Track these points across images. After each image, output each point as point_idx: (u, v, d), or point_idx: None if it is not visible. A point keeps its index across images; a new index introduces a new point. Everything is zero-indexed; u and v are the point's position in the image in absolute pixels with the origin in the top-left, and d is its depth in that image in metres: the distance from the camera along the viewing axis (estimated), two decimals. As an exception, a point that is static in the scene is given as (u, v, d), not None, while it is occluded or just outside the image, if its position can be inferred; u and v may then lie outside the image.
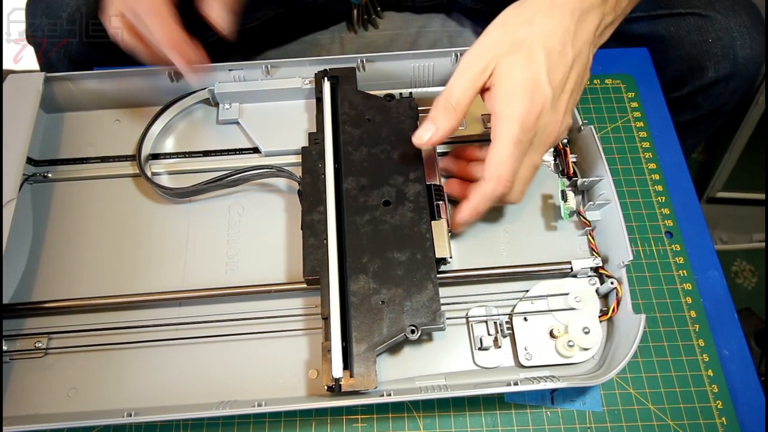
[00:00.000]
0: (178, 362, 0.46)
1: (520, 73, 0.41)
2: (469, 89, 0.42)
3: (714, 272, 0.52)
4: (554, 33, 0.42)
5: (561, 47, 0.42)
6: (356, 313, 0.42)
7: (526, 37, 0.42)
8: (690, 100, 0.68)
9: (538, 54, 0.41)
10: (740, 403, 0.46)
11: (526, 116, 0.41)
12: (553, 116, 0.42)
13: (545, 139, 0.43)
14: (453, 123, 0.43)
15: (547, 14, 0.42)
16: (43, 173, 0.53)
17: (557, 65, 0.42)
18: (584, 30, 0.43)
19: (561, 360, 0.45)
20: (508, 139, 0.41)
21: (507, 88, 0.41)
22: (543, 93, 0.41)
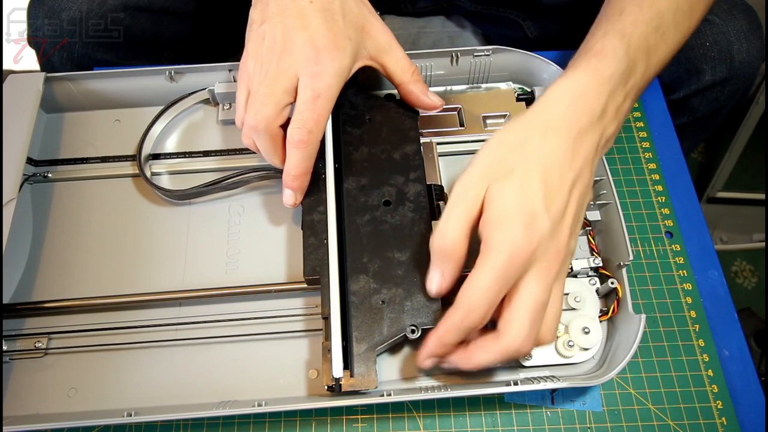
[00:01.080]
0: (178, 362, 0.46)
1: (513, 200, 0.37)
2: (463, 226, 0.38)
3: (714, 272, 0.52)
4: (549, 157, 0.39)
5: (559, 171, 0.39)
6: (356, 312, 0.42)
7: (519, 163, 0.38)
8: (686, 103, 0.68)
9: (533, 180, 0.38)
10: (740, 403, 0.46)
11: (518, 249, 0.36)
12: (552, 244, 0.38)
13: (545, 269, 0.38)
14: (455, 266, 0.40)
15: (542, 138, 0.39)
16: (43, 173, 0.53)
17: (556, 192, 0.38)
18: (583, 149, 0.40)
19: (561, 360, 0.45)
20: (491, 270, 0.36)
21: (498, 216, 0.37)
22: (540, 224, 0.37)
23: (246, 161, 0.53)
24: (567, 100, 0.40)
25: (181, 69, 0.55)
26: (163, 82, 0.55)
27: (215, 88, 0.54)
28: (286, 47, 0.43)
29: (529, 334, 0.38)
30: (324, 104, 0.43)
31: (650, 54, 0.44)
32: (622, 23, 0.43)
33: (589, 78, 0.41)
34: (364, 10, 0.46)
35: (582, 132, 0.40)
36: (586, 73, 0.41)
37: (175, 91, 0.55)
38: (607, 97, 0.41)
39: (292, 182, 0.45)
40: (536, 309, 0.38)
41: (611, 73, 0.41)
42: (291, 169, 0.44)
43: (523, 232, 0.36)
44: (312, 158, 0.45)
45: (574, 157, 0.39)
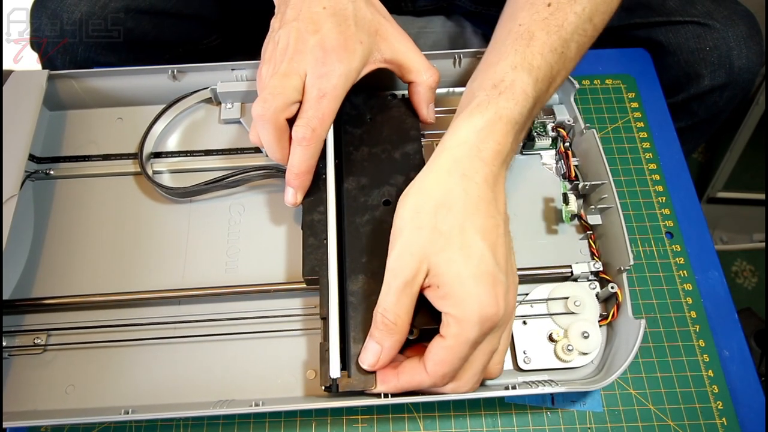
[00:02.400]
0: (176, 360, 0.46)
1: (467, 269, 0.37)
2: (404, 299, 0.38)
3: (714, 272, 0.52)
4: (478, 211, 0.38)
5: (491, 223, 0.38)
6: (354, 313, 0.42)
7: (453, 226, 0.38)
8: (685, 106, 0.69)
9: (474, 241, 0.37)
10: (740, 404, 0.46)
11: (491, 316, 0.36)
12: (510, 296, 0.38)
13: (507, 320, 0.39)
14: (397, 338, 0.39)
15: (463, 192, 0.38)
16: (45, 170, 0.53)
17: (495, 242, 0.38)
18: (500, 190, 0.40)
19: (560, 364, 0.45)
20: (465, 342, 0.36)
21: (460, 289, 0.36)
22: (500, 282, 0.37)
23: (247, 161, 0.54)
24: (478, 144, 0.40)
25: (184, 68, 0.55)
26: (165, 81, 0.55)
27: (217, 88, 0.54)
28: (297, 48, 0.43)
29: (479, 379, 0.40)
30: (329, 104, 0.43)
31: (552, 84, 0.45)
32: (532, 53, 0.43)
33: (498, 119, 0.41)
34: (377, 16, 0.47)
35: (495, 174, 0.40)
36: (496, 114, 0.41)
37: (177, 90, 0.55)
38: (513, 137, 0.42)
39: (293, 180, 0.45)
40: (490, 358, 0.40)
41: (519, 114, 0.42)
42: (293, 167, 0.45)
43: (492, 299, 0.36)
44: (315, 157, 0.45)
45: (496, 202, 0.39)
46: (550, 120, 0.53)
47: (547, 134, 0.52)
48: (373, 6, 0.47)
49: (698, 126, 0.71)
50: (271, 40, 0.46)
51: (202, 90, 0.55)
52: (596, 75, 0.62)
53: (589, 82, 0.61)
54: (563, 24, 0.44)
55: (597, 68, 0.63)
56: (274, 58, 0.45)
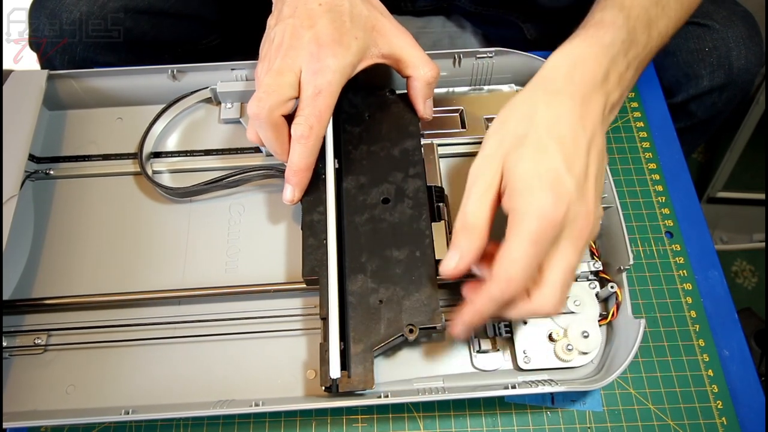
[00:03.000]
0: (177, 360, 0.46)
1: (532, 165, 0.36)
2: (483, 202, 0.38)
3: (714, 272, 0.52)
4: (560, 120, 0.38)
5: (572, 133, 0.38)
6: (354, 313, 0.42)
7: (529, 130, 0.38)
8: (684, 107, 0.68)
9: (549, 144, 0.37)
10: (740, 404, 0.46)
11: (549, 212, 0.35)
12: (581, 207, 0.37)
13: (577, 233, 0.37)
14: (477, 244, 0.38)
15: (547, 104, 0.39)
16: (44, 170, 0.53)
17: (574, 152, 0.38)
18: (591, 113, 0.39)
19: (560, 364, 0.45)
20: (526, 236, 0.35)
21: (521, 183, 0.36)
22: (565, 185, 0.36)
23: (247, 161, 0.54)
24: (566, 66, 0.40)
25: (184, 68, 0.55)
26: (165, 81, 0.55)
27: (217, 87, 0.54)
28: (292, 44, 0.44)
29: (561, 298, 0.38)
30: (325, 100, 0.43)
31: (651, 26, 0.44)
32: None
33: (588, 45, 0.41)
34: (374, 12, 0.47)
35: (586, 96, 0.39)
36: (585, 41, 0.41)
37: (177, 89, 0.55)
38: (608, 63, 0.41)
39: (292, 177, 0.45)
40: (569, 274, 0.38)
41: (611, 41, 0.41)
42: (292, 164, 0.45)
43: (551, 195, 0.35)
44: (314, 154, 0.45)
45: (583, 120, 0.39)
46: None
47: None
48: (369, 3, 0.47)
49: (697, 126, 0.71)
50: (267, 38, 0.46)
51: (201, 90, 0.55)
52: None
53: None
54: None
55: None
56: (269, 56, 0.45)
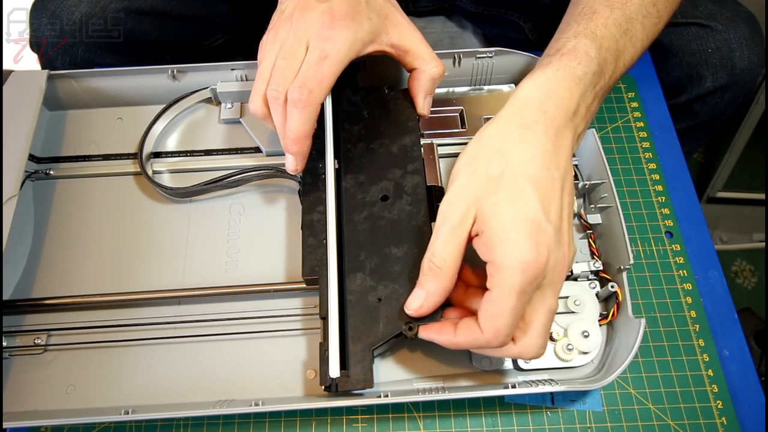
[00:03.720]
0: (176, 360, 0.46)
1: (510, 213, 0.36)
2: (452, 243, 0.37)
3: (714, 272, 0.52)
4: (534, 159, 0.37)
5: (546, 173, 0.37)
6: (353, 312, 0.42)
7: (503, 171, 0.37)
8: (687, 108, 0.68)
9: (525, 188, 0.36)
10: (740, 403, 0.46)
11: (533, 264, 0.35)
12: (560, 252, 0.37)
13: (557, 278, 0.37)
14: (443, 284, 0.38)
15: (521, 139, 0.38)
16: (45, 170, 0.53)
17: (549, 195, 0.37)
18: (563, 146, 0.39)
19: (560, 363, 0.45)
20: (510, 289, 0.35)
21: (501, 234, 0.36)
22: (545, 233, 0.36)
23: (247, 161, 0.54)
24: (539, 98, 0.40)
25: (183, 68, 0.55)
26: (165, 81, 0.55)
27: (217, 87, 0.54)
28: (302, 15, 0.42)
29: (544, 342, 0.38)
30: (330, 66, 0.42)
31: (619, 57, 0.44)
32: (594, 24, 0.43)
33: (561, 76, 0.40)
34: (389, 4, 0.46)
35: (558, 130, 0.39)
36: (558, 71, 0.41)
37: (177, 89, 0.55)
38: (579, 96, 0.40)
39: (291, 146, 0.44)
40: (551, 318, 0.38)
41: (583, 72, 0.41)
42: (290, 132, 0.43)
43: (533, 247, 0.35)
44: (311, 121, 0.43)
45: (556, 157, 0.38)
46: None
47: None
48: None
49: (700, 127, 0.71)
50: (277, 10, 0.45)
51: (201, 90, 0.55)
52: (596, 75, 0.62)
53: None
54: (626, 3, 0.44)
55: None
56: (277, 27, 0.44)
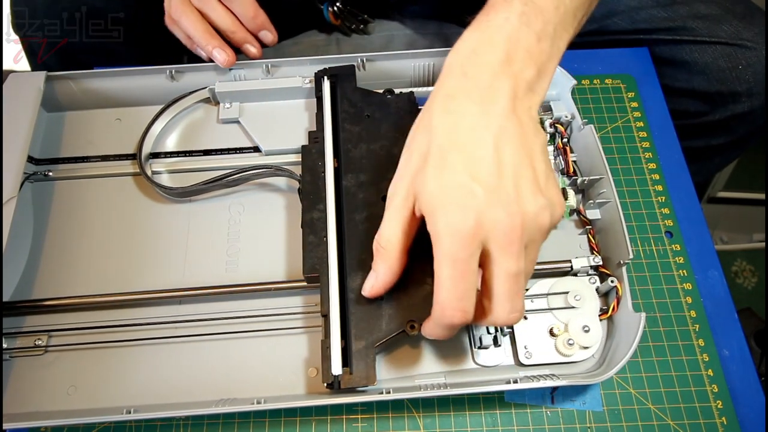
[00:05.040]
0: (177, 360, 0.46)
1: (436, 184, 0.35)
2: (395, 224, 0.38)
3: (714, 272, 0.52)
4: (457, 126, 0.36)
5: (472, 137, 0.36)
6: (355, 310, 0.42)
7: (430, 145, 0.37)
8: (724, 125, 0.67)
9: (449, 157, 0.36)
10: (740, 403, 0.46)
11: (458, 227, 0.34)
12: (499, 210, 0.35)
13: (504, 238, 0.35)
14: (390, 264, 0.39)
15: (444, 111, 0.37)
16: (43, 172, 0.53)
17: (477, 157, 0.36)
18: (495, 102, 0.37)
19: (561, 358, 0.45)
20: (444, 258, 0.35)
21: (430, 207, 0.36)
22: (471, 195, 0.35)
23: (246, 160, 0.54)
24: (459, 63, 0.39)
25: (182, 68, 0.55)
26: (163, 81, 0.55)
27: (215, 87, 0.55)
28: None
29: (512, 307, 0.36)
30: None
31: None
32: None
33: (479, 33, 0.39)
34: None
35: (485, 89, 0.37)
36: (475, 30, 0.39)
37: (175, 90, 0.55)
38: (506, 43, 0.38)
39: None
40: (512, 282, 0.36)
41: (504, 19, 0.39)
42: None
43: (457, 211, 0.35)
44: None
45: (485, 116, 0.36)
46: (547, 116, 0.53)
47: (545, 130, 0.53)
48: None
49: (737, 143, 0.70)
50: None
51: (200, 90, 0.55)
52: (596, 75, 0.62)
53: (588, 81, 0.61)
54: None
55: (597, 68, 0.63)
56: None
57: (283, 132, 0.54)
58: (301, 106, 0.56)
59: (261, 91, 0.55)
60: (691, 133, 0.68)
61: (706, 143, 0.69)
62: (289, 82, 0.55)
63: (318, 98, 0.52)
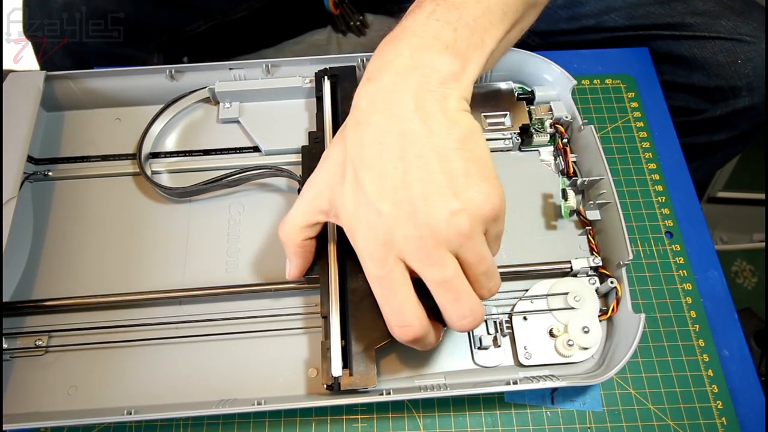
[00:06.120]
0: (178, 360, 0.46)
1: (351, 204, 0.36)
2: (297, 217, 0.40)
3: (714, 272, 0.52)
4: (362, 140, 0.36)
5: (375, 148, 0.35)
6: (355, 311, 0.42)
7: (345, 158, 0.37)
8: (725, 120, 0.67)
9: (359, 174, 0.35)
10: (740, 404, 0.46)
11: (369, 249, 0.35)
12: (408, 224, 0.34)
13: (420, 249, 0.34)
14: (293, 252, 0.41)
15: (353, 124, 0.37)
16: (43, 171, 0.53)
17: (382, 169, 0.35)
18: (398, 107, 0.35)
19: (560, 359, 0.45)
20: (370, 280, 0.36)
21: (348, 225, 0.37)
22: (377, 213, 0.34)
23: (246, 160, 0.54)
24: (368, 68, 0.38)
25: (182, 68, 0.55)
26: (163, 81, 0.55)
27: (215, 87, 0.54)
28: None
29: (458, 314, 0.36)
30: None
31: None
32: None
33: (388, 38, 0.39)
34: None
35: (388, 93, 0.36)
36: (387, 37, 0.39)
37: (175, 89, 0.55)
38: (409, 40, 0.37)
39: None
40: (442, 290, 0.35)
41: (411, 21, 0.38)
42: None
43: (365, 231, 0.35)
44: None
45: (389, 122, 0.35)
46: (548, 116, 0.53)
47: (545, 131, 0.53)
48: None
49: (739, 138, 0.70)
50: None
51: (200, 90, 0.55)
52: (596, 75, 0.62)
53: (588, 81, 0.61)
54: None
55: (597, 68, 0.63)
56: None
57: (283, 132, 0.54)
58: (301, 106, 0.56)
59: (261, 91, 0.55)
60: (693, 130, 0.68)
61: (708, 139, 0.69)
62: (289, 82, 0.55)
63: (318, 98, 0.52)
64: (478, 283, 0.37)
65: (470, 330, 0.43)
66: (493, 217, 0.36)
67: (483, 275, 0.37)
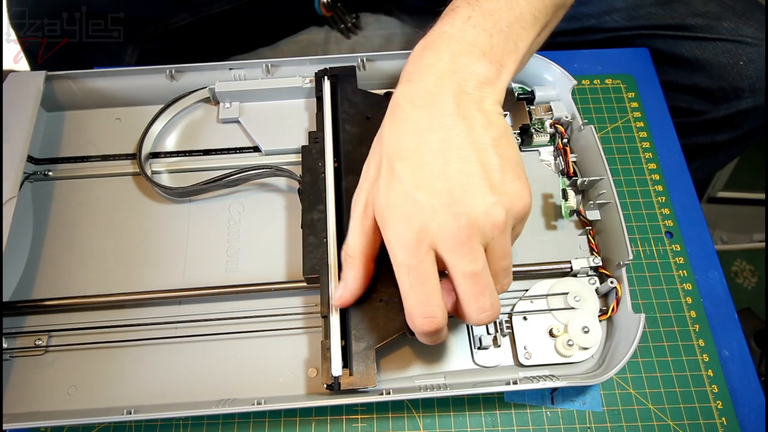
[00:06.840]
0: (178, 360, 0.46)
1: (385, 197, 0.37)
2: (359, 233, 0.39)
3: (714, 272, 0.52)
4: (402, 134, 0.37)
5: (415, 144, 0.36)
6: (355, 311, 0.42)
7: (381, 157, 0.38)
8: (728, 121, 0.67)
9: (395, 166, 0.36)
10: (740, 403, 0.46)
11: (403, 238, 0.35)
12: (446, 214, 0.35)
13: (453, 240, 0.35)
14: (357, 273, 0.40)
15: (391, 121, 0.38)
16: (43, 171, 0.53)
17: (420, 164, 0.36)
18: (439, 105, 0.37)
19: (560, 359, 0.45)
20: (399, 269, 0.36)
21: (381, 217, 0.37)
22: (416, 203, 0.35)
23: (246, 160, 0.54)
24: (407, 70, 0.40)
25: (182, 68, 0.55)
26: (163, 81, 0.55)
27: (215, 87, 0.54)
28: None
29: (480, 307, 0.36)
30: None
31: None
32: None
33: (425, 42, 0.40)
34: None
35: (429, 92, 0.38)
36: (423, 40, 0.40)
37: (175, 89, 0.55)
38: (448, 45, 0.39)
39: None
40: (470, 282, 0.36)
41: (448, 26, 0.40)
42: None
43: (400, 221, 0.36)
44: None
45: (429, 118, 0.37)
46: (548, 116, 0.53)
47: (545, 131, 0.53)
48: None
49: (742, 138, 0.70)
50: None
51: (200, 89, 0.55)
52: (596, 75, 0.62)
53: (588, 81, 0.61)
54: None
55: (597, 68, 0.63)
56: None
57: (283, 132, 0.54)
58: (301, 106, 0.56)
59: (261, 91, 0.55)
60: (695, 131, 0.68)
61: (710, 140, 0.69)
62: (289, 82, 0.55)
63: (318, 98, 0.52)
64: (497, 278, 0.37)
65: (487, 324, 0.44)
66: (523, 215, 0.37)
67: (503, 271, 0.38)
